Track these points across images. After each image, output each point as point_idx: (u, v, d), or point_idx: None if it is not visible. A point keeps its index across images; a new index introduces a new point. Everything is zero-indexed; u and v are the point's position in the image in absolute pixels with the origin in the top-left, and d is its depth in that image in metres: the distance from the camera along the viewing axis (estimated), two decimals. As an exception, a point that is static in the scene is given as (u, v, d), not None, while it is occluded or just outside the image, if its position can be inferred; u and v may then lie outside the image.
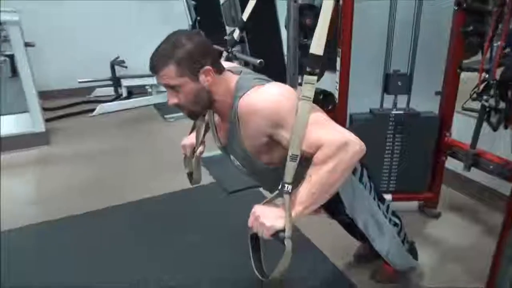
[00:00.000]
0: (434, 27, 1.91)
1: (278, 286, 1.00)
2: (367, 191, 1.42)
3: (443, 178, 2.20)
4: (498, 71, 1.63)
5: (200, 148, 1.43)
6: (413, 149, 2.06)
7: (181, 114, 3.65)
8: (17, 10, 3.24)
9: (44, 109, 4.15)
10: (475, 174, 2.01)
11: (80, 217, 2.34)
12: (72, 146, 3.49)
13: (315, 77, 1.01)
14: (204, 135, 1.46)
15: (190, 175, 1.53)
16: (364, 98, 2.03)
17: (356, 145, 0.99)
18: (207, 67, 1.08)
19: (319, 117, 1.03)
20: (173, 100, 1.11)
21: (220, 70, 1.14)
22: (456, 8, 1.75)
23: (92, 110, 4.33)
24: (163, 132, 3.84)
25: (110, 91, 4.83)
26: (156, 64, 1.07)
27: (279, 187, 1.02)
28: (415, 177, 2.14)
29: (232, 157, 1.29)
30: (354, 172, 1.35)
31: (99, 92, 4.93)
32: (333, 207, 1.36)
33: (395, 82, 1.96)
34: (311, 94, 0.99)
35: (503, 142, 1.88)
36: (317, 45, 1.02)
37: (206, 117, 1.44)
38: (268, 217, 0.99)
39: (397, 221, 1.56)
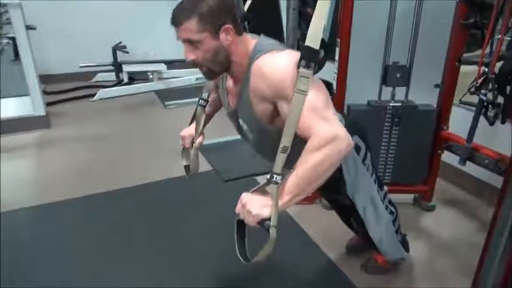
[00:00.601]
0: (435, 19, 1.89)
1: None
2: (369, 174, 1.43)
3: (440, 171, 2.20)
4: (498, 65, 1.63)
5: (199, 139, 1.44)
6: (409, 142, 2.06)
7: (181, 101, 3.68)
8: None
9: (46, 93, 4.17)
10: (472, 168, 2.01)
11: (77, 201, 2.36)
12: (72, 130, 3.51)
13: (311, 71, 0.99)
14: (204, 125, 1.46)
15: (187, 167, 1.52)
16: (363, 89, 2.02)
17: (343, 141, 1.00)
18: (229, 25, 1.08)
19: (318, 103, 1.02)
20: (191, 56, 1.10)
21: (240, 31, 1.13)
22: (457, 0, 1.73)
23: (93, 95, 4.31)
24: (163, 118, 3.85)
25: (112, 76, 4.80)
26: (178, 17, 1.06)
27: (268, 176, 1.02)
28: (411, 170, 2.14)
29: (240, 121, 1.27)
30: (358, 151, 1.37)
31: (100, 77, 4.91)
32: (334, 186, 1.36)
33: (394, 74, 1.95)
34: (306, 88, 0.99)
35: (500, 137, 1.88)
36: (313, 38, 1.00)
37: (207, 108, 1.45)
38: (255, 205, 1.01)
39: (393, 209, 1.58)
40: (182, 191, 2.49)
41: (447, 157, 2.09)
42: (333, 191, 1.50)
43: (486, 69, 1.66)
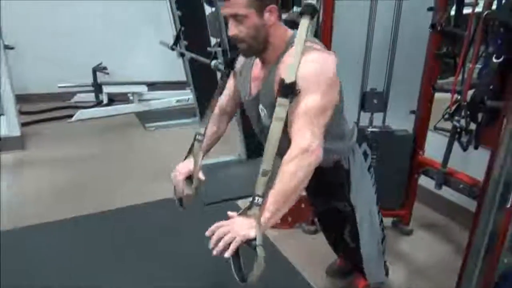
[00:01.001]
0: (410, 48, 1.96)
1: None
2: (372, 183, 1.47)
3: (417, 195, 2.24)
4: (470, 93, 1.69)
5: (200, 176, 1.37)
6: (387, 166, 2.08)
7: (161, 123, 3.65)
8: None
9: (22, 113, 4.08)
10: (448, 193, 2.05)
11: (49, 225, 2.28)
12: (47, 151, 3.42)
13: (288, 99, 1.06)
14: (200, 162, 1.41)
15: (180, 200, 1.46)
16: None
17: (313, 154, 1.05)
18: (273, 6, 1.13)
19: (314, 109, 1.07)
20: (234, 31, 1.14)
21: (280, 16, 1.17)
22: (431, 30, 1.81)
23: (71, 115, 4.24)
24: (142, 140, 3.81)
25: (91, 97, 4.76)
26: None
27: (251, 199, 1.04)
28: (389, 194, 2.16)
29: (260, 105, 1.27)
30: (365, 158, 1.44)
31: (79, 98, 4.85)
32: (339, 190, 1.38)
33: (372, 100, 2.00)
34: (283, 115, 1.06)
35: (474, 162, 1.93)
36: (290, 74, 1.07)
37: (205, 143, 1.42)
38: (241, 226, 1.03)
39: (383, 229, 1.59)
40: (163, 214, 2.44)
41: (424, 181, 2.13)
42: (336, 195, 1.48)
43: (459, 97, 1.73)
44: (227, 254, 1.00)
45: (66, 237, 2.19)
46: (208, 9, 3.51)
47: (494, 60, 1.54)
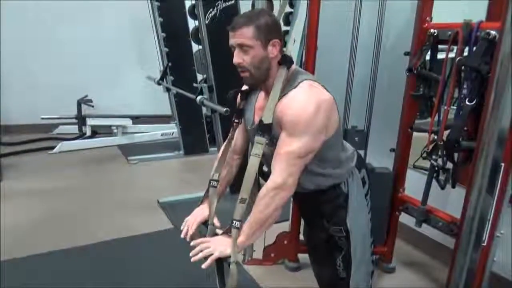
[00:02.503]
0: (389, 89, 2.04)
1: None
2: (367, 210, 1.50)
3: (399, 233, 2.26)
4: (446, 133, 1.76)
5: (216, 222, 1.41)
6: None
7: (144, 156, 3.63)
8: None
9: (2, 144, 4.01)
10: (428, 230, 2.08)
11: (24, 260, 2.20)
12: (26, 183, 3.34)
13: (264, 139, 1.21)
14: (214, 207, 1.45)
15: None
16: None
17: (285, 191, 1.20)
18: (277, 40, 1.22)
19: (296, 151, 1.18)
20: (239, 60, 1.22)
21: (282, 51, 1.26)
22: (407, 73, 1.90)
23: (53, 147, 4.21)
24: (124, 173, 3.76)
25: (74, 129, 4.73)
26: (239, 23, 1.20)
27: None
28: (371, 231, 2.18)
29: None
30: (364, 185, 1.47)
31: (62, 129, 4.83)
32: (336, 213, 1.40)
33: (353, 138, 2.05)
34: (260, 152, 1.21)
35: (452, 200, 1.97)
36: (268, 112, 1.21)
37: (218, 188, 1.46)
38: (220, 244, 1.21)
39: (373, 261, 1.59)
40: (143, 249, 2.40)
41: (405, 218, 2.16)
42: (333, 218, 1.45)
43: (436, 137, 1.80)
44: (203, 266, 1.17)
45: (42, 272, 2.12)
46: (195, 47, 3.62)
47: (467, 103, 1.62)
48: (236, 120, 1.42)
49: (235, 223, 1.20)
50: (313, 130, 1.18)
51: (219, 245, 1.20)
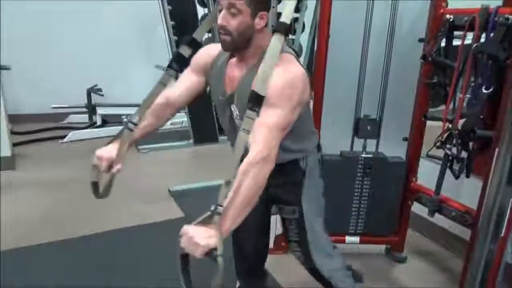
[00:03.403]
0: (403, 77, 2.00)
1: None
2: (321, 193, 1.53)
3: (411, 222, 2.24)
4: (461, 122, 1.73)
5: (118, 166, 1.32)
6: (381, 193, 2.10)
7: (155, 145, 3.64)
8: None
9: (14, 133, 4.04)
10: (441, 220, 2.06)
11: (34, 248, 2.23)
12: (38, 172, 3.37)
13: (255, 112, 1.08)
14: (125, 151, 1.35)
15: (95, 185, 1.39)
16: (335, 140, 2.08)
17: (270, 164, 1.10)
18: (265, 13, 1.21)
19: (276, 123, 1.12)
20: (224, 22, 1.17)
21: (267, 25, 1.24)
22: (422, 61, 1.86)
23: (64, 136, 4.24)
24: (135, 162, 3.77)
25: (84, 118, 4.76)
26: None
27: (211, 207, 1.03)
28: (382, 221, 2.17)
29: (233, 106, 1.29)
30: (320, 165, 1.48)
31: (72, 118, 4.85)
32: (292, 188, 1.41)
33: (365, 127, 2.03)
34: (249, 127, 1.08)
35: (466, 189, 1.94)
36: (261, 83, 1.09)
37: (135, 133, 1.34)
38: (201, 236, 1.01)
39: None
40: (153, 238, 2.42)
41: (417, 208, 2.14)
42: (289, 195, 1.45)
43: (450, 125, 1.76)
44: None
45: (55, 260, 2.15)
46: (205, 35, 3.58)
47: (484, 91, 1.58)
48: (186, 69, 1.36)
49: (218, 208, 1.03)
50: (294, 103, 1.16)
51: (200, 239, 1.00)
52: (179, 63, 1.36)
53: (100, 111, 4.57)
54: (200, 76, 1.40)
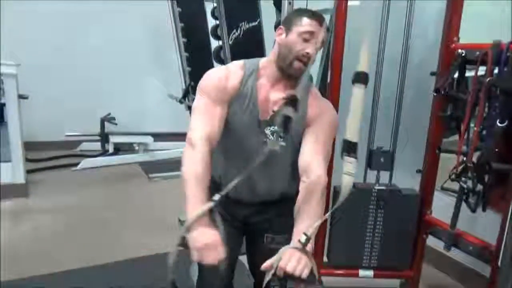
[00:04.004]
0: (415, 108, 2.02)
1: None
2: None
3: (425, 256, 2.19)
4: (476, 155, 1.72)
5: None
6: (394, 225, 2.07)
7: (166, 173, 3.62)
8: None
9: (28, 160, 4.11)
10: (456, 253, 2.02)
11: (43, 278, 2.21)
12: (50, 199, 3.40)
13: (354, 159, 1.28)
14: None
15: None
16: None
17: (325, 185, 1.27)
18: None
19: (329, 149, 1.31)
20: (313, 51, 1.24)
21: None
22: (435, 94, 1.87)
23: (76, 164, 4.29)
24: (145, 190, 3.80)
25: (97, 146, 4.81)
26: (322, 20, 1.26)
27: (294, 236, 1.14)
28: (396, 254, 2.12)
29: (268, 129, 1.29)
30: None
31: (85, 146, 4.92)
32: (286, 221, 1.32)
33: (378, 159, 2.02)
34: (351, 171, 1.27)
35: (481, 223, 1.91)
36: (353, 133, 1.30)
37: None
38: (306, 261, 1.08)
39: None
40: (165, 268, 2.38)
41: (432, 241, 2.10)
42: (280, 227, 1.40)
43: (465, 158, 1.76)
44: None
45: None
46: (217, 66, 3.67)
47: (499, 124, 1.59)
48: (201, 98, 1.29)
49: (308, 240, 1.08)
50: None
51: (305, 263, 1.05)
52: None
53: (113, 139, 4.63)
54: (225, 105, 1.29)
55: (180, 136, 5.18)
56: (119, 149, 4.75)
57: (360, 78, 1.30)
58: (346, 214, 2.08)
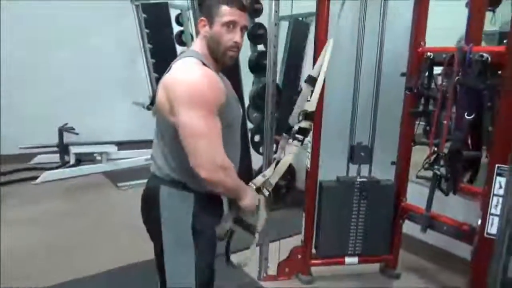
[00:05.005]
0: (389, 107, 2.22)
1: None
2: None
3: (402, 244, 2.41)
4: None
5: None
6: (375, 214, 2.26)
7: (135, 181, 3.62)
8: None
9: (-20, 176, 3.85)
10: (429, 238, 2.25)
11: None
12: (12, 215, 3.20)
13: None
14: None
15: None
16: (332, 166, 2.24)
17: None
18: None
19: None
20: (241, 40, 1.28)
21: None
22: (408, 92, 2.09)
23: (35, 177, 4.08)
24: (116, 200, 3.72)
25: (54, 158, 4.60)
26: (247, 5, 1.27)
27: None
28: (378, 240, 2.32)
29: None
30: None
31: (41, 159, 4.67)
32: None
33: (359, 153, 2.21)
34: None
35: (450, 206, 2.15)
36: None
37: None
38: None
39: None
40: (145, 276, 2.38)
41: (408, 228, 2.32)
42: None
43: (436, 149, 1.98)
44: None
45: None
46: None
47: (467, 117, 1.82)
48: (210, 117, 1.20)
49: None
50: None
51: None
52: None
53: (74, 150, 4.46)
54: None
55: (145, 144, 5.10)
56: (80, 159, 4.58)
57: (311, 80, 1.66)
58: (332, 207, 2.24)
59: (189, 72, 1.21)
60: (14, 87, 4.51)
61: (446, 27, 2.42)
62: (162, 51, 3.82)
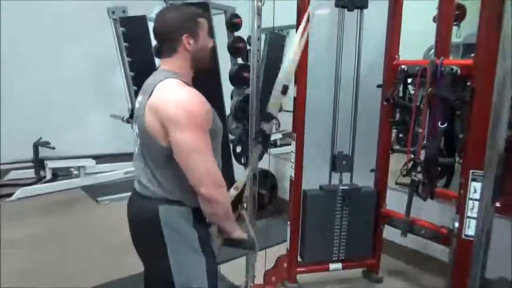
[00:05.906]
0: (367, 117, 2.32)
1: None
2: None
3: (384, 248, 2.50)
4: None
5: None
6: (357, 220, 2.34)
7: (115, 196, 3.63)
8: None
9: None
10: (408, 242, 2.35)
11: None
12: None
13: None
14: None
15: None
16: (315, 175, 2.31)
17: None
18: None
19: None
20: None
21: None
22: (385, 103, 2.19)
23: (9, 194, 3.96)
24: (97, 215, 3.67)
25: (29, 173, 4.48)
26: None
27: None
28: (360, 246, 2.40)
29: None
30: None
31: (14, 175, 4.54)
32: None
33: (340, 162, 2.29)
34: None
35: (425, 210, 2.25)
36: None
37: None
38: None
39: None
40: None
41: (389, 234, 2.41)
42: None
43: (413, 156, 2.09)
44: None
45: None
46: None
47: (440, 125, 1.93)
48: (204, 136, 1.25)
49: None
50: None
51: None
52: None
53: (51, 164, 4.36)
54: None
55: (124, 157, 5.04)
56: (57, 174, 4.48)
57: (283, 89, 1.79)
58: (315, 214, 2.30)
59: (178, 93, 1.24)
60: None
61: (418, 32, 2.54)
62: (140, 64, 3.80)
